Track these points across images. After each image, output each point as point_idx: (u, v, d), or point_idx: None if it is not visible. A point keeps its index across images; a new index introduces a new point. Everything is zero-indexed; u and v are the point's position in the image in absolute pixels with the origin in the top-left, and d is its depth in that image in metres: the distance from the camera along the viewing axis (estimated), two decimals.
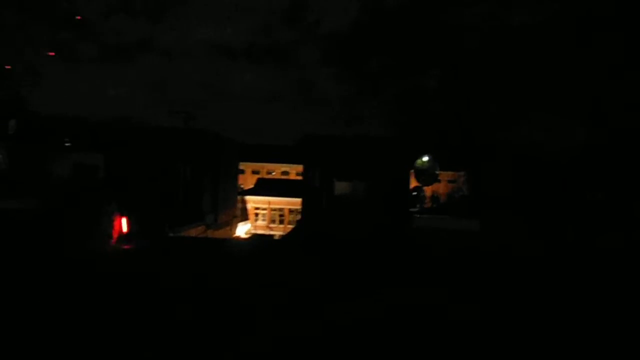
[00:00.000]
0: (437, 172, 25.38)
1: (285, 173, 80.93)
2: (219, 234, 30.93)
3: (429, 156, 25.67)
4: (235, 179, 37.05)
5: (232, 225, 34.30)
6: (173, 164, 27.28)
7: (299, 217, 61.01)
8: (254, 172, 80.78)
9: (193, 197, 27.78)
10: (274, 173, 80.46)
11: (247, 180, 73.71)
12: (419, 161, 25.18)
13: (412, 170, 28.07)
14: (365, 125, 28.88)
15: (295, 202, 60.01)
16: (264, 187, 61.37)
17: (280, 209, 60.24)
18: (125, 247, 18.12)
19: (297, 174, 79.96)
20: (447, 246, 20.21)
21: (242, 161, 53.07)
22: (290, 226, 60.27)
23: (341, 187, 27.51)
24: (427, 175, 25.24)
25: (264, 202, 60.12)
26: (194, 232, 27.08)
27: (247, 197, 61.20)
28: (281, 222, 60.80)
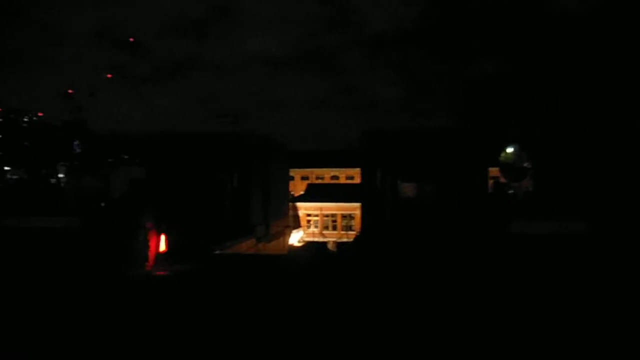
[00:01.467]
0: (527, 166, 20.86)
1: (334, 177, 76.92)
2: (272, 247, 27.28)
3: (514, 147, 21.21)
4: (287, 186, 33.38)
5: (285, 235, 30.57)
6: (218, 171, 23.93)
7: (352, 222, 56.97)
8: (303, 178, 77.48)
9: (241, 208, 24.24)
10: (323, 178, 76.66)
11: (297, 187, 70.46)
12: (502, 154, 20.77)
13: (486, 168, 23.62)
14: (429, 120, 24.60)
15: (347, 207, 56.02)
16: (315, 193, 57.68)
17: (333, 215, 56.37)
18: (161, 272, 14.66)
19: (347, 178, 76.04)
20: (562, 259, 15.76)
21: (291, 167, 49.69)
22: (344, 232, 56.31)
23: (407, 189, 23.33)
24: (514, 170, 20.76)
25: (315, 209, 56.44)
26: (244, 246, 23.61)
27: (298, 204, 57.73)
28: (334, 228, 56.94)
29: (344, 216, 56.24)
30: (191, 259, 16.62)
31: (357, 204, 57.05)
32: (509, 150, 20.85)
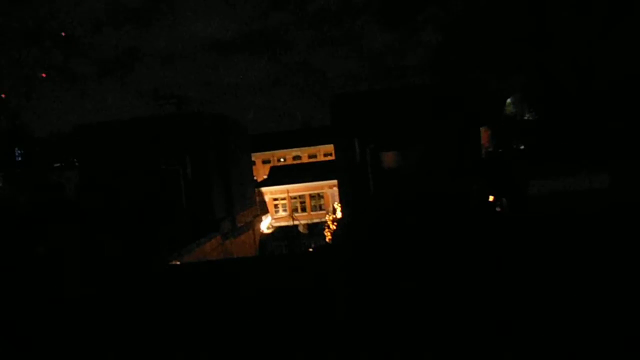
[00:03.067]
0: (529, 117, 17.40)
1: (297, 158, 72.70)
2: (241, 242, 23.11)
3: (512, 99, 17.68)
4: (250, 170, 28.99)
5: (255, 226, 26.36)
6: (167, 161, 19.47)
7: (321, 202, 53.15)
8: (265, 162, 72.97)
9: (199, 201, 19.89)
10: (285, 160, 72.41)
11: (259, 171, 65.94)
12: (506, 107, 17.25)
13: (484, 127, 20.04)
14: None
15: (315, 187, 51.99)
16: (280, 176, 53.31)
17: (301, 196, 52.25)
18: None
19: (310, 157, 71.98)
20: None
21: (251, 152, 45.13)
22: (314, 213, 52.47)
23: (391, 158, 19.55)
24: (516, 124, 17.25)
25: (281, 192, 52.12)
26: (208, 247, 19.38)
27: (263, 189, 53.26)
28: (303, 209, 52.96)
29: (312, 196, 52.29)
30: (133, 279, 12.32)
31: (326, 182, 53.02)
32: (507, 101, 17.37)
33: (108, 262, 13.16)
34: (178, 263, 14.57)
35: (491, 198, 18.12)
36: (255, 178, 54.44)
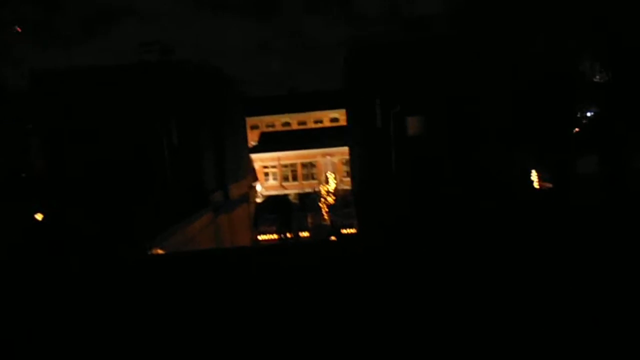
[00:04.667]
0: (600, 79, 13.76)
1: (286, 124, 68.51)
2: (236, 217, 19.46)
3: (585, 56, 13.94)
4: (245, 136, 24.97)
5: (250, 198, 22.62)
6: (148, 121, 15.46)
7: (313, 171, 49.43)
8: (253, 127, 68.57)
9: (187, 171, 16.07)
10: (274, 126, 68.14)
11: (248, 137, 61.79)
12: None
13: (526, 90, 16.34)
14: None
15: (307, 155, 48.09)
16: (270, 142, 49.25)
17: (292, 164, 48.40)
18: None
19: (299, 124, 67.80)
20: None
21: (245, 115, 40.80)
22: (306, 182, 48.82)
23: (420, 125, 15.86)
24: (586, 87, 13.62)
25: (272, 159, 48.15)
26: (197, 226, 15.68)
27: (253, 156, 49.22)
28: (294, 178, 49.27)
29: (304, 165, 48.50)
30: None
31: (318, 150, 49.07)
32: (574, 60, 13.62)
33: (67, 253, 9.44)
34: (160, 252, 10.92)
35: (535, 176, 14.67)
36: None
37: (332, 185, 43.42)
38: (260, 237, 29.86)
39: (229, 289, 7.35)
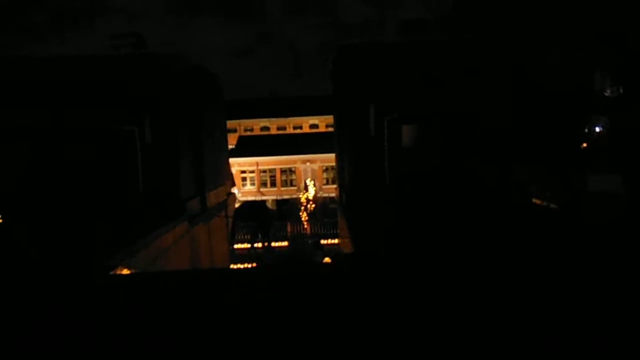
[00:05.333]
0: (610, 94, 12.85)
1: (265, 129, 66.83)
2: (213, 228, 17.80)
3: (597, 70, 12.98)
4: (225, 139, 23.30)
5: (229, 206, 20.95)
6: (118, 119, 13.76)
7: (292, 177, 47.86)
8: (230, 131, 66.65)
9: (162, 176, 14.41)
10: (252, 130, 66.37)
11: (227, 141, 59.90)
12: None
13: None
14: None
15: (287, 161, 46.63)
16: (249, 147, 47.58)
17: (271, 170, 46.83)
18: None
19: (278, 129, 66.21)
20: None
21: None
22: (284, 188, 47.24)
23: (418, 135, 14.63)
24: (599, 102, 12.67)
25: (250, 164, 46.48)
26: (170, 238, 14.01)
27: (230, 160, 47.58)
28: (273, 184, 47.65)
29: (283, 171, 47.00)
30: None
31: (298, 157, 47.55)
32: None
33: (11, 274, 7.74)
34: (125, 271, 9.25)
35: (537, 192, 13.58)
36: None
37: (311, 193, 42.02)
38: (237, 246, 28.17)
39: (202, 317, 5.93)
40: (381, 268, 8.21)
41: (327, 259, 9.43)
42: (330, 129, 61.00)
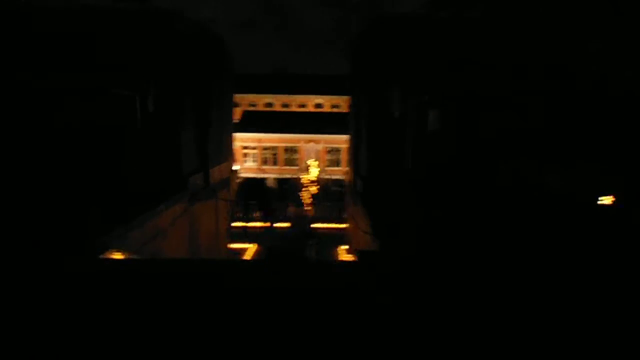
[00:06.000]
0: None
1: (268, 105, 65.17)
2: (213, 206, 16.51)
3: None
4: (231, 114, 21.78)
5: (232, 185, 19.60)
6: (117, 82, 12.30)
7: (295, 156, 46.45)
8: (234, 105, 64.80)
9: (163, 148, 13.04)
10: (256, 106, 64.64)
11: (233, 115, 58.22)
12: None
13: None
14: None
15: (290, 139, 45.00)
16: (252, 122, 45.91)
17: (273, 148, 45.30)
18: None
19: (282, 105, 64.55)
20: None
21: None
22: (286, 167, 45.85)
23: (447, 121, 13.25)
24: None
25: (253, 140, 44.87)
26: (169, 216, 12.69)
27: (233, 135, 46.01)
28: (274, 162, 46.20)
29: (286, 149, 45.49)
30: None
31: (302, 136, 45.95)
32: None
33: None
34: (117, 255, 7.95)
35: (608, 200, 12.15)
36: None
37: (313, 174, 40.70)
38: (235, 224, 26.94)
39: (199, 313, 4.87)
40: (416, 271, 6.98)
41: (348, 255, 8.12)
42: (336, 109, 59.37)
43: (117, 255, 7.83)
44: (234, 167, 39.47)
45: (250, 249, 24.21)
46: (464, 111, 12.54)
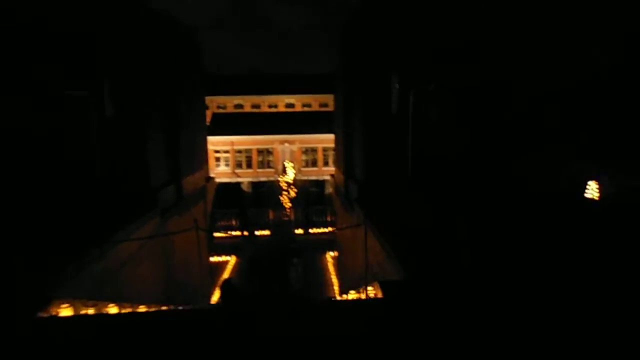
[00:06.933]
0: None
1: (238, 106, 62.67)
2: (190, 220, 14.39)
3: None
4: (203, 116, 19.44)
5: (209, 193, 17.40)
6: (66, 83, 10.08)
7: (270, 158, 44.25)
8: None
9: (127, 159, 10.84)
10: (225, 108, 62.04)
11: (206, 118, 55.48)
12: None
13: None
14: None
15: (264, 141, 42.88)
16: (223, 125, 43.55)
17: (247, 150, 43.05)
18: None
19: (253, 106, 62.20)
20: None
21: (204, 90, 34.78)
22: (261, 170, 43.64)
23: (444, 112, 11.58)
24: None
25: (225, 143, 42.50)
26: (135, 243, 10.51)
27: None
28: (249, 165, 43.92)
29: (260, 151, 43.33)
30: None
31: (276, 137, 43.72)
32: None
33: None
34: (64, 310, 5.79)
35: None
36: None
37: (290, 176, 38.75)
38: (217, 235, 24.69)
39: None
40: (467, 307, 5.23)
41: (370, 289, 6.30)
42: (307, 109, 57.50)
43: (65, 310, 5.76)
44: (212, 175, 37.02)
45: (230, 262, 22.11)
46: (476, 102, 10.86)
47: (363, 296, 6.92)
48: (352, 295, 7.76)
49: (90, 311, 6.60)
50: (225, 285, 14.36)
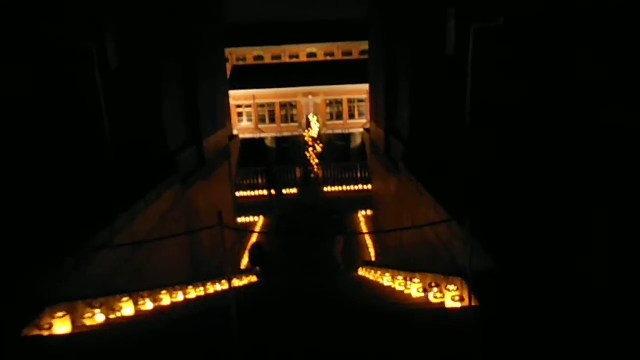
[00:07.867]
0: None
1: (259, 58, 59.89)
2: (215, 184, 12.95)
3: None
4: (224, 70, 17.46)
5: (233, 153, 15.84)
6: (66, 35, 8.49)
7: (294, 112, 42.18)
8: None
9: (138, 119, 9.34)
10: (245, 60, 59.33)
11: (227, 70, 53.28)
12: None
13: None
14: None
15: (288, 94, 40.70)
16: (244, 78, 41.35)
17: (270, 104, 41.14)
18: None
19: (273, 58, 59.39)
20: None
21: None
22: (284, 125, 41.77)
23: (516, 53, 9.57)
24: None
25: (246, 97, 40.60)
26: (156, 211, 9.22)
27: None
28: (272, 120, 42.13)
29: (282, 105, 41.36)
30: None
31: (300, 89, 41.37)
32: None
33: None
34: (59, 316, 4.53)
35: None
36: None
37: (315, 130, 36.88)
38: (240, 194, 23.44)
39: None
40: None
41: (451, 290, 4.80)
42: (330, 58, 54.37)
43: (60, 321, 4.37)
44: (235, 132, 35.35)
45: (258, 223, 20.95)
46: (555, 42, 8.73)
47: (437, 296, 5.32)
48: (415, 286, 6.18)
49: (97, 311, 5.26)
50: (254, 249, 12.91)
